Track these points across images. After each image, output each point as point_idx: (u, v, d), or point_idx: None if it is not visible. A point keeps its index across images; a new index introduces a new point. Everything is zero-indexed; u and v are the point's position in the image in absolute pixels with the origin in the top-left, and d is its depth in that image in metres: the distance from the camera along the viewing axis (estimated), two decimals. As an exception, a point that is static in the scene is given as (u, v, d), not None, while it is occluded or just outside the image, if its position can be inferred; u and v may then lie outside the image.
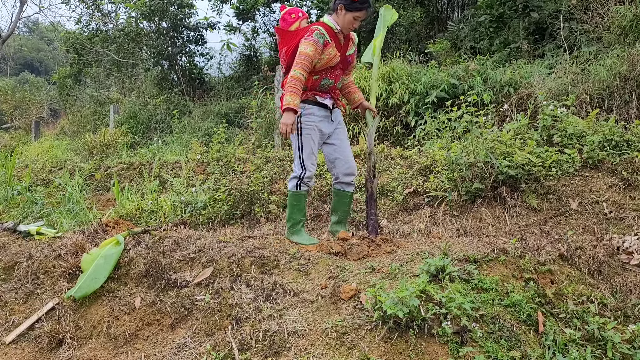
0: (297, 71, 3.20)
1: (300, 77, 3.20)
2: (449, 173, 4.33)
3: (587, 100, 5.81)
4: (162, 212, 5.23)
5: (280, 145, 8.11)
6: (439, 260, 2.39)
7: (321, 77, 3.38)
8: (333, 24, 3.33)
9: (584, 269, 2.79)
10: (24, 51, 34.77)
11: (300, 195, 3.44)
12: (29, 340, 2.70)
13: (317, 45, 3.23)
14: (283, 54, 3.45)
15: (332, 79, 3.42)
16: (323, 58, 3.29)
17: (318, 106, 3.42)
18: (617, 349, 2.15)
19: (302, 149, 3.38)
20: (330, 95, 3.47)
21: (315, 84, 3.39)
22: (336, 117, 3.57)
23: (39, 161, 10.09)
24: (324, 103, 3.44)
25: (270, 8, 12.03)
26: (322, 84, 3.40)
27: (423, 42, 9.58)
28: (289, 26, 3.47)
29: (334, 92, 3.50)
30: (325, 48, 3.28)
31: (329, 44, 3.30)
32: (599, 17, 7.03)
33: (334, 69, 3.41)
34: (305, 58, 3.21)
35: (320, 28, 3.28)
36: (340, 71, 3.47)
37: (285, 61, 3.44)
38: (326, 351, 2.03)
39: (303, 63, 3.21)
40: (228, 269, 2.79)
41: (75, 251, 3.21)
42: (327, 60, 3.31)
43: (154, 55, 12.69)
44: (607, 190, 3.94)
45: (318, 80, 3.38)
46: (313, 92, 3.40)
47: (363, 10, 3.28)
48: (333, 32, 3.33)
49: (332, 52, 3.32)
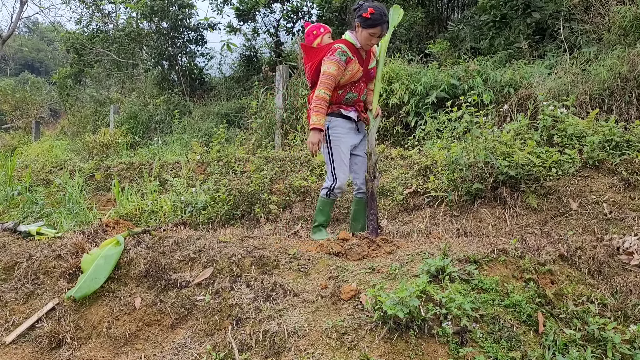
0: (322, 91, 3.37)
1: (325, 96, 3.38)
2: (449, 173, 4.33)
3: (587, 101, 5.80)
4: (162, 212, 5.23)
5: (280, 145, 8.12)
6: (439, 261, 2.39)
7: (345, 92, 3.52)
8: (354, 41, 3.45)
9: (584, 270, 2.79)
10: (24, 51, 34.79)
11: (327, 202, 3.66)
12: (29, 341, 2.70)
13: (340, 64, 3.38)
14: (308, 70, 3.62)
15: (355, 93, 3.55)
16: (346, 74, 3.43)
17: (343, 118, 3.57)
18: (617, 350, 2.15)
19: (333, 159, 3.55)
20: (355, 107, 3.60)
21: (339, 98, 3.52)
22: (362, 128, 3.70)
23: (39, 161, 10.09)
24: (348, 115, 3.57)
25: (270, 8, 12.02)
26: (347, 98, 3.54)
27: (423, 43, 9.57)
28: (312, 42, 3.66)
29: (358, 105, 3.63)
30: (348, 65, 3.41)
31: (352, 61, 3.42)
32: (600, 17, 7.03)
33: (357, 83, 3.54)
34: (329, 77, 3.38)
35: (342, 46, 3.40)
36: (363, 84, 3.60)
37: (310, 77, 3.61)
38: (326, 351, 2.03)
39: (327, 82, 3.38)
40: (228, 269, 2.79)
41: (76, 251, 3.21)
42: (351, 75, 3.45)
43: (154, 55, 12.68)
44: (607, 191, 3.94)
45: (342, 94, 3.52)
46: (338, 106, 3.54)
47: (378, 27, 3.35)
48: (355, 48, 3.45)
49: (355, 68, 3.45)
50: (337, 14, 10.15)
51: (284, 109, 8.51)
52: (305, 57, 3.66)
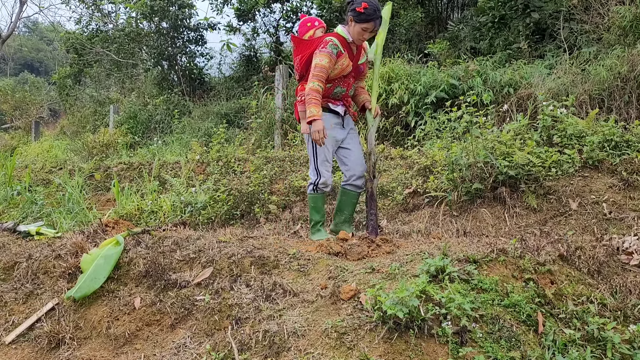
0: (316, 83, 3.34)
1: (319, 88, 3.35)
2: (449, 173, 4.33)
3: (587, 101, 5.80)
4: (162, 212, 5.23)
5: (279, 145, 8.12)
6: (439, 261, 2.39)
7: (334, 86, 3.50)
8: (346, 35, 3.43)
9: (583, 269, 2.79)
10: (24, 51, 34.76)
11: (317, 197, 3.63)
12: (29, 341, 2.70)
13: (332, 57, 3.35)
14: (297, 62, 3.58)
15: (344, 87, 3.53)
16: (336, 68, 3.41)
17: (330, 113, 3.55)
18: (617, 350, 2.15)
19: (317, 155, 3.53)
20: (343, 102, 3.59)
21: (328, 92, 3.50)
22: (348, 123, 3.69)
23: (38, 161, 10.09)
24: (336, 110, 3.56)
25: (270, 8, 12.02)
26: (335, 92, 3.52)
27: (423, 43, 9.57)
28: (304, 34, 3.62)
29: (346, 100, 3.62)
30: (338, 58, 3.39)
31: (342, 55, 3.40)
32: (599, 17, 7.03)
33: (346, 78, 3.52)
34: (322, 70, 3.34)
35: (334, 39, 3.38)
36: (352, 79, 3.57)
37: (299, 69, 3.58)
38: (326, 351, 2.03)
39: (319, 75, 3.34)
40: (228, 269, 2.79)
41: (75, 251, 3.21)
42: (340, 70, 3.43)
43: (154, 55, 12.68)
44: (607, 191, 3.94)
45: (331, 88, 3.50)
46: (326, 100, 3.52)
47: (371, 22, 3.34)
48: (346, 43, 3.43)
49: (345, 62, 3.42)
50: (337, 14, 10.15)
51: (283, 108, 8.51)
52: (296, 49, 3.61)
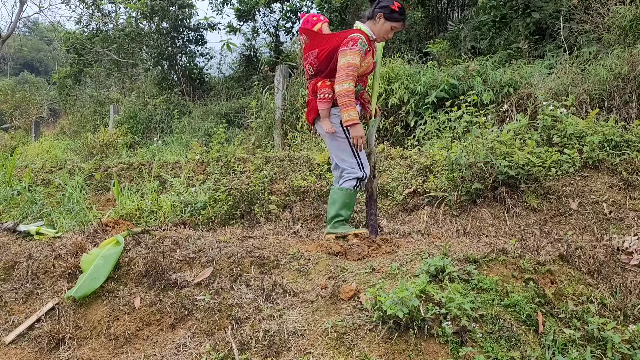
0: (350, 84, 3.22)
1: (352, 88, 3.23)
2: (449, 173, 4.33)
3: (587, 101, 5.80)
4: (162, 212, 5.23)
5: (279, 145, 8.12)
6: (439, 261, 2.39)
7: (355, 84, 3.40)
8: (369, 32, 3.35)
9: (583, 269, 2.79)
10: (23, 51, 34.75)
11: (354, 195, 3.45)
12: (29, 340, 2.70)
13: (362, 55, 3.25)
14: (313, 56, 3.39)
15: (363, 86, 3.48)
16: (363, 66, 3.31)
17: None
18: (617, 349, 2.15)
19: (357, 151, 3.38)
20: (360, 101, 3.52)
21: None
22: None
23: (38, 161, 10.08)
24: None
25: (270, 8, 12.03)
26: (355, 91, 3.41)
27: (423, 42, 9.57)
28: (313, 26, 3.47)
29: (363, 98, 3.57)
30: (365, 56, 3.30)
31: (369, 53, 3.33)
32: (599, 17, 7.02)
33: (366, 76, 3.46)
34: (355, 69, 3.23)
35: (362, 37, 3.27)
36: (367, 78, 3.52)
37: (316, 64, 3.39)
38: (326, 351, 2.03)
39: (352, 74, 3.23)
40: (228, 269, 2.79)
41: (75, 251, 3.21)
42: (365, 68, 3.35)
43: (154, 55, 12.67)
44: (607, 191, 3.94)
45: None
46: None
47: (401, 22, 3.32)
48: (369, 40, 3.34)
49: (370, 61, 3.36)
50: (337, 14, 10.15)
51: (283, 108, 8.51)
52: (311, 41, 3.43)
